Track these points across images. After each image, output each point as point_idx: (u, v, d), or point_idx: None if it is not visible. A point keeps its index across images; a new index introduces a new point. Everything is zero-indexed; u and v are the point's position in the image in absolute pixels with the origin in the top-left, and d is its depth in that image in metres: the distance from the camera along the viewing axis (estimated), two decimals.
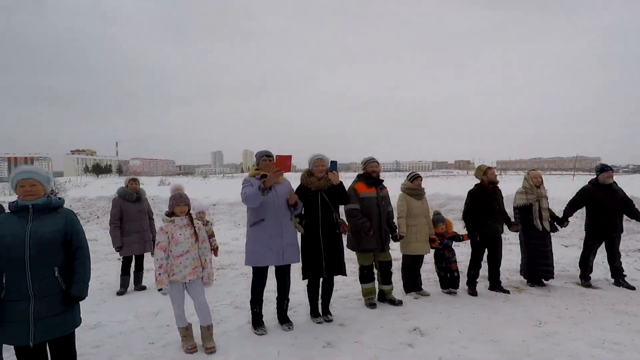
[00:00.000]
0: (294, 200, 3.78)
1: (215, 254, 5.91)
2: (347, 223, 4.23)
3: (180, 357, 3.28)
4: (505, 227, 5.07)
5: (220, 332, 3.73)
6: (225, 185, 28.93)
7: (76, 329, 2.73)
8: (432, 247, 4.92)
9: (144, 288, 5.43)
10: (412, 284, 4.91)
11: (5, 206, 3.45)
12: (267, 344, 3.49)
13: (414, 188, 4.91)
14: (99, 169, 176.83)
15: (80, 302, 2.71)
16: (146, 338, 3.72)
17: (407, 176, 5.13)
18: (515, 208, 5.23)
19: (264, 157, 3.86)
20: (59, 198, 2.74)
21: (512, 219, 5.19)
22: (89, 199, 15.28)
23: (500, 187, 5.14)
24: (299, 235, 3.95)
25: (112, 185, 33.15)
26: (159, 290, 3.25)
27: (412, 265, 4.89)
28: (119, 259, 6.48)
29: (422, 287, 4.95)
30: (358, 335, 3.66)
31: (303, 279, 4.02)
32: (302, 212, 3.98)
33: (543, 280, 5.13)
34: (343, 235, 4.11)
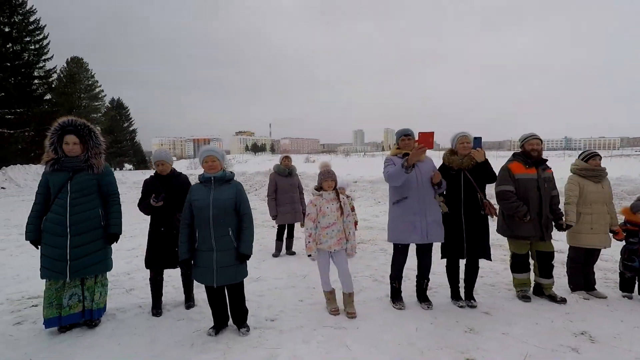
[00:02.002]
0: (438, 178, 3.65)
1: (355, 228, 6.21)
2: (494, 205, 3.85)
3: (324, 316, 3.63)
4: None
5: (360, 300, 3.95)
6: (366, 163, 29.66)
7: (244, 279, 3.33)
8: (617, 240, 4.07)
9: (293, 253, 6.15)
10: (582, 281, 4.18)
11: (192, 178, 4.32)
12: (405, 318, 3.55)
13: (589, 169, 4.11)
14: (256, 148, 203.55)
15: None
16: (296, 295, 4.24)
17: (580, 155, 4.31)
18: None
19: (403, 136, 3.81)
20: (230, 172, 3.34)
21: None
22: (249, 173, 17.89)
23: None
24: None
25: (266, 162, 37.75)
26: (308, 256, 3.63)
27: (583, 260, 4.16)
28: (273, 227, 7.48)
29: (596, 287, 4.19)
30: (506, 326, 3.38)
31: (442, 257, 3.91)
32: (444, 192, 3.81)
33: None
34: (490, 217, 3.78)
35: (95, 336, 3.26)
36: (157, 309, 3.75)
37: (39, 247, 3.28)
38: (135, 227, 8.08)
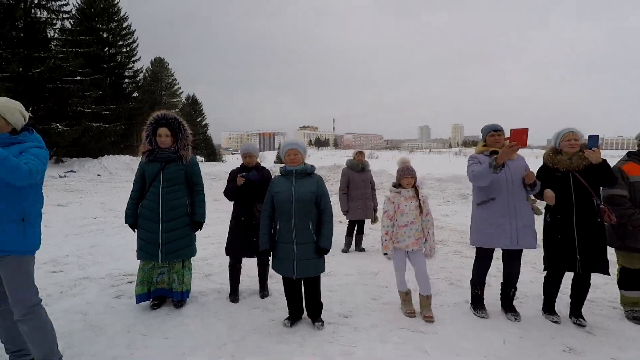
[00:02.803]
0: (532, 178, 3.31)
1: None
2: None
3: (399, 317, 3.51)
4: None
5: (436, 304, 3.77)
6: (433, 160, 28.55)
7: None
8: None
9: (363, 250, 6.07)
10: None
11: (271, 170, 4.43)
12: (489, 328, 3.30)
13: None
14: (320, 142, 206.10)
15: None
16: (368, 293, 4.16)
17: None
18: None
19: (492, 132, 3.50)
20: (312, 165, 3.34)
21: None
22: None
23: None
24: (536, 218, 3.46)
25: (329, 157, 37.99)
26: (384, 254, 3.53)
27: None
28: (340, 222, 7.47)
29: None
30: (616, 350, 2.96)
31: (545, 269, 3.48)
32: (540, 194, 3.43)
33: None
34: (607, 225, 3.33)
35: (181, 316, 3.50)
36: (234, 295, 3.92)
37: (136, 230, 3.59)
38: (210, 216, 8.58)
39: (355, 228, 6.08)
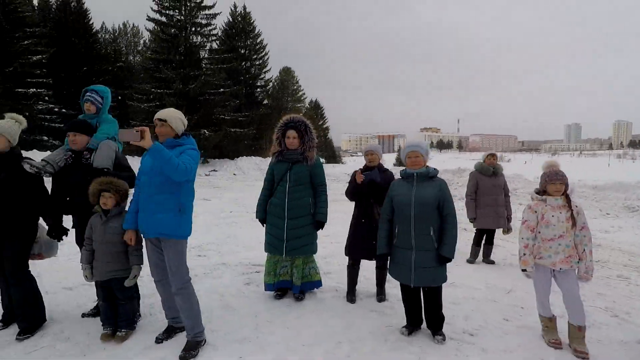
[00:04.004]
0: None
1: None
2: None
3: (540, 346, 3.01)
4: None
5: (592, 338, 3.10)
6: (585, 164, 24.22)
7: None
8: None
9: (492, 262, 5.44)
10: None
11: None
12: None
13: None
14: (442, 145, 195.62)
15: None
16: (500, 312, 3.68)
17: None
18: None
19: None
20: (435, 169, 3.12)
21: None
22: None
23: None
24: None
25: (452, 160, 35.68)
26: (523, 270, 3.07)
27: None
28: (465, 229, 6.85)
29: None
30: None
31: None
32: None
33: None
34: None
35: (301, 309, 3.65)
36: (351, 295, 3.92)
37: (265, 225, 3.89)
38: (330, 216, 8.87)
39: (484, 238, 5.50)
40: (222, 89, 26.71)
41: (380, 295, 3.94)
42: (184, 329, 2.92)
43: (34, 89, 22.46)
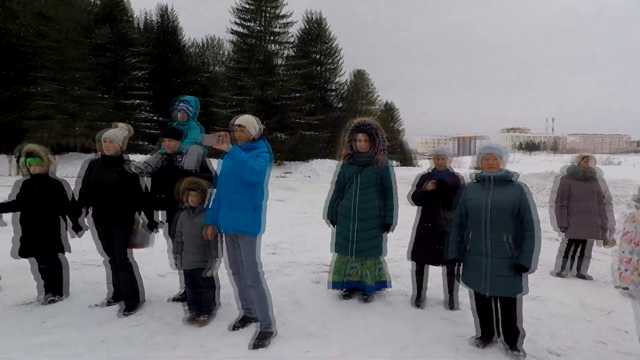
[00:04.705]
0: None
1: None
2: None
3: None
4: None
5: None
6: None
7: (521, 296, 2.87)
8: None
9: (588, 278, 4.88)
10: None
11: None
12: None
13: None
14: (531, 146, 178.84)
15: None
16: (595, 333, 3.33)
17: None
18: None
19: None
20: (515, 172, 2.95)
21: None
22: (523, 175, 15.77)
23: None
24: None
25: (545, 162, 32.48)
26: (624, 288, 2.70)
27: None
28: (556, 239, 6.21)
29: None
30: None
31: None
32: None
33: None
34: None
35: (368, 310, 3.67)
36: (419, 301, 3.83)
37: (334, 226, 3.97)
38: (401, 219, 8.71)
39: (578, 249, 4.94)
40: (297, 94, 27.73)
41: (451, 303, 3.79)
42: (257, 319, 3.14)
43: (138, 100, 25.75)
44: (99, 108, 22.33)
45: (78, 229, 3.66)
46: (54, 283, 3.67)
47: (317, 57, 33.64)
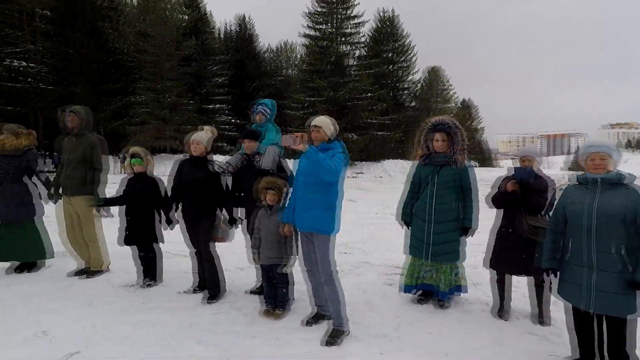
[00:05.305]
0: None
1: None
2: None
3: None
4: None
5: None
6: None
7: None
8: None
9: None
10: None
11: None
12: None
13: None
14: None
15: None
16: None
17: None
18: None
19: None
20: (630, 174, 2.57)
21: None
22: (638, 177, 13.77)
23: None
24: None
25: None
26: None
27: None
28: None
29: None
30: None
31: None
32: None
33: None
34: None
35: (444, 317, 3.51)
36: (502, 312, 3.55)
37: (409, 227, 3.86)
38: (482, 223, 8.17)
39: None
40: (368, 94, 27.57)
41: (542, 318, 3.44)
42: (329, 317, 3.18)
43: (218, 105, 27.80)
44: (186, 113, 24.72)
45: (169, 223, 4.06)
46: (150, 269, 4.15)
47: (389, 55, 33.10)
